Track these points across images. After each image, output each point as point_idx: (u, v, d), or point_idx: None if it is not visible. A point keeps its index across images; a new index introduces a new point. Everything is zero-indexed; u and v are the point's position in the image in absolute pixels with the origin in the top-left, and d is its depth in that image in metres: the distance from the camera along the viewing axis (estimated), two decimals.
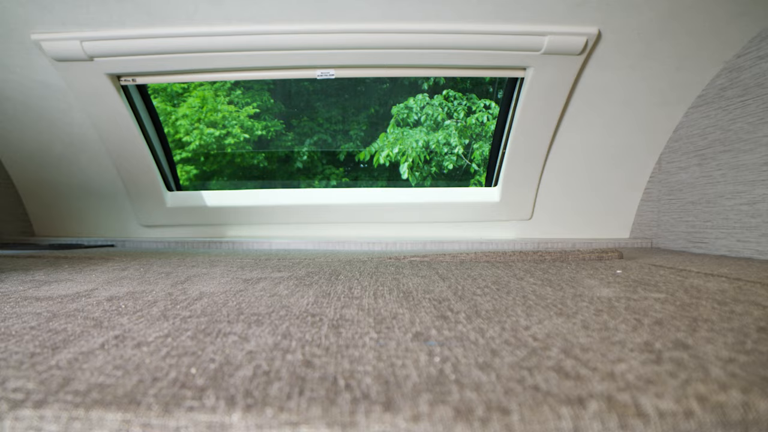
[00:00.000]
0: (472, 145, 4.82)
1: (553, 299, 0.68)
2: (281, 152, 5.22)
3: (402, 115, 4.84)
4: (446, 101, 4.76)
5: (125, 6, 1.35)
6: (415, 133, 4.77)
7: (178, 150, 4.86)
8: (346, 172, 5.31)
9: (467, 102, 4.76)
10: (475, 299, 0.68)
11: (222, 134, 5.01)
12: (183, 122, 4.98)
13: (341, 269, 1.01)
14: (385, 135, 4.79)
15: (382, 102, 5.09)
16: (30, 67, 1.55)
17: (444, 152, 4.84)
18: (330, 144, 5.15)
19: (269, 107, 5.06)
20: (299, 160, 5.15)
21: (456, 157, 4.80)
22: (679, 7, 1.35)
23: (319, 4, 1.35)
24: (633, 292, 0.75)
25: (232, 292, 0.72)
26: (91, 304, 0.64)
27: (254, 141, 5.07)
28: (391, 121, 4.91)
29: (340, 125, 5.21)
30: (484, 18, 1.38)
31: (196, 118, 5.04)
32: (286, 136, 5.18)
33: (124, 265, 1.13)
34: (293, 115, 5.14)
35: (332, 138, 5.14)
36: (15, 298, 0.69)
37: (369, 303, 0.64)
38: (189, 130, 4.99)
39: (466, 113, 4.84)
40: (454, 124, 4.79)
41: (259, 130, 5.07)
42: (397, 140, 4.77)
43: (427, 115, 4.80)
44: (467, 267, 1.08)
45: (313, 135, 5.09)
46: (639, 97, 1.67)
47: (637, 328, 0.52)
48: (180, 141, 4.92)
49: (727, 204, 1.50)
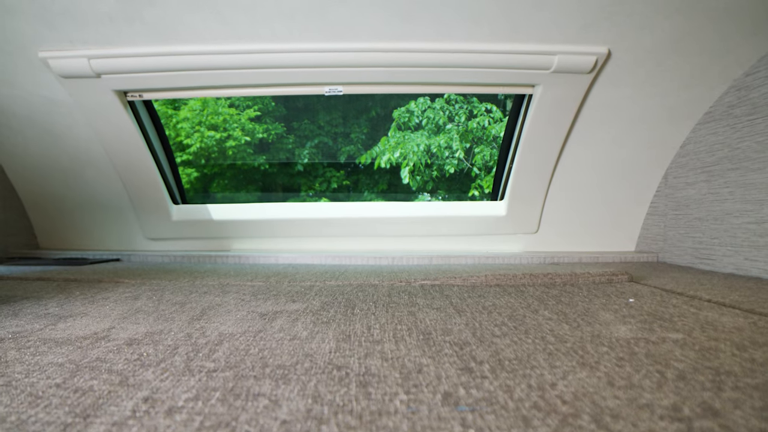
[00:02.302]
0: (474, 149, 4.82)
1: (573, 342, 0.68)
2: (282, 155, 5.20)
3: (403, 119, 4.83)
4: (447, 105, 4.75)
5: (134, 25, 1.34)
6: (417, 137, 4.76)
7: (179, 153, 4.85)
8: (347, 175, 5.31)
9: (468, 105, 4.75)
10: (494, 342, 0.68)
11: (223, 137, 5.00)
12: (184, 125, 4.97)
13: (355, 298, 1.01)
14: (386, 139, 4.79)
15: (383, 105, 5.08)
16: (36, 83, 1.54)
17: (445, 156, 4.83)
18: (331, 147, 5.14)
19: (270, 110, 5.05)
20: (300, 163, 5.14)
21: (457, 160, 4.80)
22: (691, 27, 1.35)
23: (328, 24, 1.34)
24: (650, 331, 0.75)
25: (251, 333, 0.72)
26: (112, 351, 0.63)
27: (255, 144, 5.06)
28: (392, 125, 4.90)
29: (341, 128, 5.20)
30: (495, 37, 1.38)
31: (197, 121, 5.02)
32: (287, 139, 5.17)
33: (135, 290, 1.13)
34: (294, 117, 5.13)
35: (333, 141, 5.13)
36: (34, 341, 0.69)
37: (390, 349, 0.64)
38: (190, 133, 4.97)
39: (468, 117, 4.83)
40: (456, 128, 4.79)
41: (260, 133, 5.06)
42: (398, 144, 4.76)
43: (428, 118, 4.79)
44: (479, 294, 1.08)
45: (314, 138, 5.08)
46: (647, 113, 1.67)
47: (662, 385, 0.52)
48: (181, 144, 4.91)
49: (735, 222, 1.51)
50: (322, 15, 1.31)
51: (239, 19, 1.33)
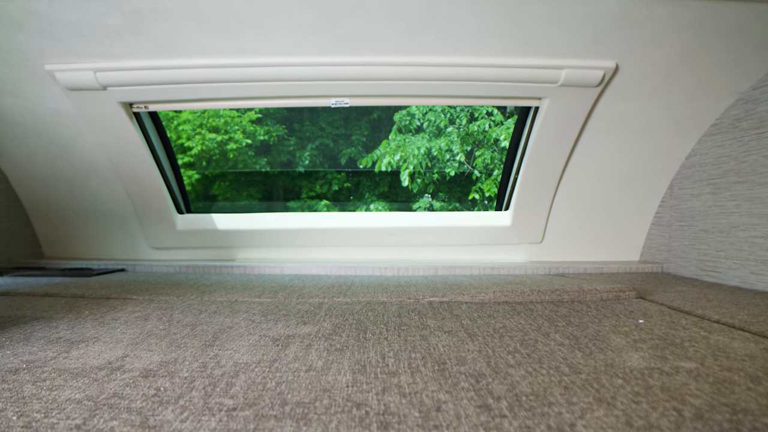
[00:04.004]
0: (475, 152, 4.82)
1: (587, 374, 0.68)
2: (283, 157, 5.20)
3: (404, 122, 4.83)
4: (448, 108, 4.74)
5: (140, 38, 1.34)
6: (417, 140, 4.75)
7: (180, 154, 4.84)
8: (347, 177, 5.30)
9: (469, 108, 4.74)
10: (510, 374, 0.68)
11: (224, 139, 4.99)
12: (185, 127, 4.96)
13: (365, 319, 1.01)
14: (387, 142, 4.78)
15: (384, 107, 5.07)
16: (42, 94, 1.54)
17: (446, 159, 4.83)
18: (332, 149, 5.14)
19: (271, 112, 5.04)
20: (301, 165, 5.14)
21: (458, 164, 4.80)
22: (700, 42, 1.35)
23: (337, 38, 1.34)
24: (662, 359, 0.75)
25: (266, 363, 0.72)
26: (129, 385, 0.63)
27: (256, 146, 5.06)
28: (393, 128, 4.90)
29: (342, 129, 5.19)
30: (506, 52, 1.38)
31: (198, 123, 5.01)
32: (288, 141, 5.16)
33: (144, 308, 1.13)
34: (295, 119, 5.12)
35: (334, 143, 5.13)
36: (49, 372, 0.69)
37: (407, 382, 0.65)
38: (191, 135, 4.97)
39: (469, 120, 4.83)
40: (456, 131, 4.79)
41: (261, 135, 5.05)
42: (399, 147, 4.76)
43: (429, 121, 4.79)
44: (489, 314, 1.08)
45: (314, 139, 5.08)
46: (653, 124, 1.67)
47: (680, 426, 0.52)
48: (182, 146, 4.90)
49: (741, 235, 1.51)
50: (330, 29, 1.31)
51: (246, 34, 1.32)
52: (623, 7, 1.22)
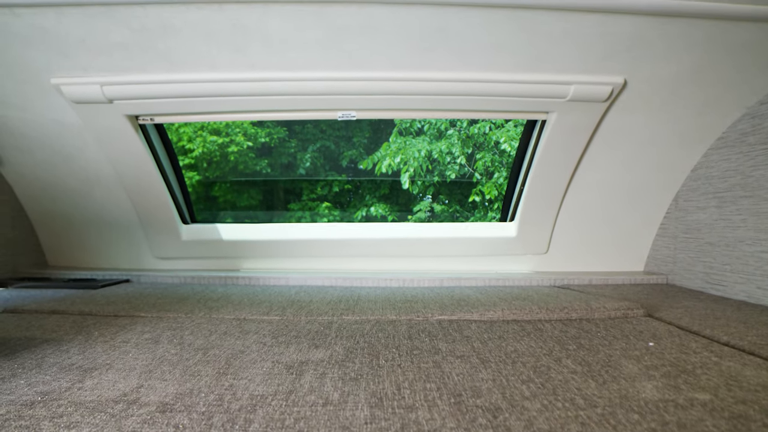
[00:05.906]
0: (475, 155, 4.82)
1: (603, 407, 0.69)
2: (284, 159, 5.20)
3: (405, 124, 4.83)
4: None
5: (148, 53, 1.33)
6: (418, 143, 4.75)
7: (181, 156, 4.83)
8: (348, 179, 5.30)
9: None
10: (525, 408, 0.68)
11: (225, 142, 4.98)
12: (186, 129, 4.94)
13: (376, 342, 1.02)
14: (388, 144, 4.78)
15: None
16: (47, 107, 1.53)
17: (446, 162, 4.83)
18: (333, 150, 5.13)
19: None
20: (302, 167, 5.13)
21: (458, 166, 4.80)
22: (709, 60, 1.35)
23: (345, 53, 1.33)
24: (676, 389, 0.76)
25: (282, 395, 0.72)
26: (147, 422, 0.63)
27: (257, 148, 5.05)
28: (394, 130, 4.89)
29: (343, 131, 5.19)
30: (517, 68, 1.37)
31: (199, 125, 5.00)
32: (289, 143, 5.16)
33: (153, 328, 1.13)
34: (296, 120, 5.11)
35: (335, 144, 5.12)
36: (65, 405, 0.68)
37: (425, 418, 0.65)
38: (192, 138, 4.96)
39: (469, 122, 4.83)
40: (457, 134, 4.78)
41: (262, 137, 5.04)
42: (400, 149, 4.75)
43: (429, 123, 4.79)
44: (499, 335, 1.08)
45: (315, 141, 5.07)
46: (659, 138, 1.67)
47: None
48: (183, 148, 4.89)
49: (748, 250, 1.51)
50: (339, 45, 1.31)
51: (254, 49, 1.32)
52: (636, 27, 1.22)
